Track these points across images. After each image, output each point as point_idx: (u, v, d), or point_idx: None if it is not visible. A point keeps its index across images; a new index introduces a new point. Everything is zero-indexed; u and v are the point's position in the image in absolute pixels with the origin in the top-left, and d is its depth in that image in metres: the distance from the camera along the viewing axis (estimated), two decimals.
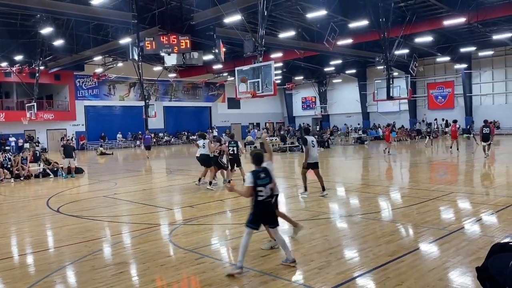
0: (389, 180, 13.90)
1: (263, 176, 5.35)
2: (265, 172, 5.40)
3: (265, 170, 5.43)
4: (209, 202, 10.62)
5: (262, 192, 5.31)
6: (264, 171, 5.41)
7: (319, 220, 8.09)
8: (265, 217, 5.47)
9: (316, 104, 51.41)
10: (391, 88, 25.04)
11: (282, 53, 33.17)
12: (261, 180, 5.32)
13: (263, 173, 5.37)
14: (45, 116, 36.99)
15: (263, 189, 5.31)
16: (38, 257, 6.52)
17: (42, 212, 10.09)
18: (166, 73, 40.31)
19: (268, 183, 5.37)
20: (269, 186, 5.38)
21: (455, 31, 30.93)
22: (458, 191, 10.76)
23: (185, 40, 20.33)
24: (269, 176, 5.42)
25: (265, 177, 5.36)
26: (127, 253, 6.53)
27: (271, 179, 5.44)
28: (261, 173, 5.36)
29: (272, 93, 14.76)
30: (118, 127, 42.06)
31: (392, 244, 6.30)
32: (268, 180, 5.39)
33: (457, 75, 40.22)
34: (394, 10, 23.67)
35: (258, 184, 5.30)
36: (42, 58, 29.86)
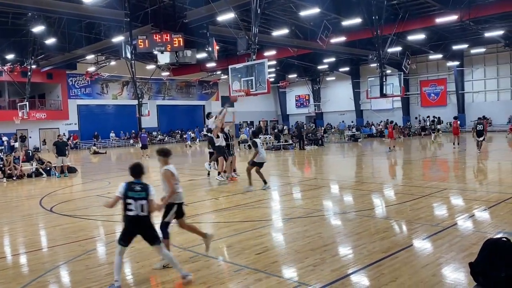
0: (382, 177, 13.95)
1: (138, 189, 4.89)
2: (142, 187, 4.94)
3: (144, 186, 4.96)
4: (203, 200, 10.61)
5: (131, 205, 4.83)
6: (142, 185, 4.96)
7: (313, 217, 8.11)
8: (137, 234, 4.99)
9: (309, 102, 51.47)
10: (384, 85, 25.12)
11: (275, 51, 33.17)
12: (134, 192, 4.86)
13: (139, 187, 4.92)
14: (37, 115, 36.74)
15: (133, 202, 4.83)
16: (31, 257, 6.48)
17: (35, 212, 10.02)
18: (159, 72, 40.16)
19: (142, 198, 4.87)
20: (141, 203, 4.86)
21: (448, 28, 31.08)
22: (451, 187, 10.83)
23: (178, 38, 20.32)
24: (146, 191, 4.91)
25: (141, 191, 4.90)
26: None
27: (147, 196, 4.90)
28: (136, 186, 4.92)
29: (266, 91, 14.75)
30: (111, 126, 41.86)
31: (386, 240, 6.33)
32: (144, 195, 4.88)
33: (450, 73, 40.46)
34: (386, 8, 23.74)
35: (129, 196, 4.84)
36: (34, 57, 29.62)
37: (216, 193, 11.51)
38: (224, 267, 5.58)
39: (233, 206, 9.75)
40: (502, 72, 38.09)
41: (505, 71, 37.82)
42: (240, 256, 5.88)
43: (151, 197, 4.95)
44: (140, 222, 4.90)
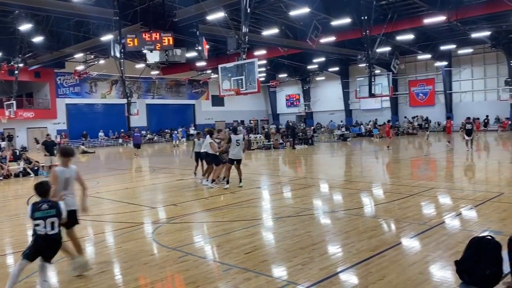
0: (371, 176, 14.04)
1: (44, 207, 4.71)
2: (49, 204, 4.75)
3: (50, 203, 4.78)
4: (192, 200, 10.59)
5: (39, 226, 4.66)
6: (49, 203, 4.77)
7: (303, 216, 8.15)
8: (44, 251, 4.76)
9: (300, 101, 51.62)
10: (373, 85, 25.30)
11: (265, 51, 33.20)
12: (41, 212, 4.68)
13: (46, 205, 4.74)
14: (25, 114, 36.30)
15: (42, 222, 4.65)
16: (18, 257, 6.39)
17: (22, 212, 9.91)
18: (148, 71, 39.93)
19: (51, 215, 4.69)
20: (51, 220, 4.67)
21: (436, 29, 31.38)
22: (439, 186, 10.95)
23: (167, 37, 20.25)
24: (55, 208, 4.75)
25: (48, 209, 4.71)
26: (110, 252, 6.48)
27: (58, 212, 4.75)
28: (43, 205, 4.73)
29: (256, 90, 14.77)
30: (100, 125, 41.53)
31: (374, 239, 6.38)
32: (54, 212, 4.71)
33: (438, 73, 40.86)
34: (375, 8, 23.91)
35: (36, 217, 4.67)
36: (21, 55, 29.25)
37: (205, 193, 11.50)
38: (213, 266, 5.59)
39: (222, 206, 9.76)
40: (489, 73, 38.57)
41: (492, 72, 38.31)
42: (229, 255, 5.89)
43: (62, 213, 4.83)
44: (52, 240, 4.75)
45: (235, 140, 11.76)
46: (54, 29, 28.17)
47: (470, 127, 19.51)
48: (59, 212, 4.78)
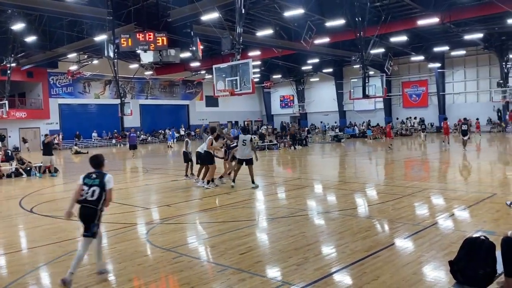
0: (365, 177, 14.09)
1: (93, 177, 5.18)
2: (97, 175, 5.21)
3: (100, 175, 5.21)
4: (186, 201, 10.56)
5: (83, 191, 5.11)
6: (99, 174, 5.21)
7: (297, 217, 8.15)
8: (81, 218, 5.16)
9: (294, 102, 51.70)
10: (367, 86, 25.39)
11: (260, 52, 33.22)
12: (89, 179, 5.16)
13: (95, 175, 5.20)
14: (17, 114, 36.04)
15: (86, 188, 5.11)
16: (10, 258, 6.35)
17: (14, 213, 9.84)
18: (142, 71, 39.79)
19: (95, 185, 5.10)
20: (93, 189, 5.08)
21: (429, 30, 31.57)
22: (432, 187, 11.01)
23: (161, 37, 20.17)
24: (101, 179, 5.15)
25: (95, 178, 5.16)
26: (104, 252, 6.41)
27: (101, 185, 5.12)
28: (93, 174, 5.21)
29: (251, 91, 14.76)
30: (93, 125, 41.32)
31: (368, 239, 6.40)
32: (97, 182, 5.12)
33: (431, 74, 41.11)
34: (370, 10, 24.00)
35: (84, 182, 5.14)
36: (14, 55, 29.04)
37: (199, 193, 11.47)
38: (207, 267, 5.57)
39: (217, 207, 9.75)
40: (481, 74, 38.87)
41: (485, 73, 38.61)
42: (224, 256, 5.87)
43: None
44: (85, 208, 5.15)
45: (242, 140, 11.70)
46: (47, 29, 27.99)
47: (465, 128, 19.95)
48: (103, 183, 5.11)
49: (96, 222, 5.15)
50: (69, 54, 31.95)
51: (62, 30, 28.31)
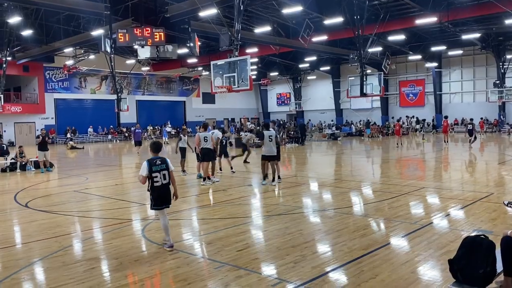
0: (361, 175, 14.09)
1: (159, 163, 5.95)
2: (161, 160, 5.99)
3: (162, 159, 6.03)
4: (184, 197, 10.50)
5: (157, 178, 5.90)
6: (162, 159, 6.01)
7: (294, 214, 8.13)
8: (164, 199, 6.05)
9: (291, 100, 51.67)
10: (364, 85, 25.40)
11: (257, 49, 33.11)
12: (156, 166, 5.92)
13: (159, 160, 5.98)
14: (12, 108, 35.79)
15: (158, 175, 5.89)
16: (5, 253, 6.29)
17: (9, 207, 9.77)
18: (139, 66, 39.61)
19: (163, 169, 5.95)
20: (164, 173, 5.95)
21: (427, 30, 31.61)
22: (429, 186, 11.02)
23: (159, 33, 20.09)
24: (165, 163, 6.00)
25: (161, 164, 5.96)
26: (99, 248, 6.39)
27: (167, 166, 6.01)
28: (157, 160, 5.97)
29: (248, 88, 14.72)
30: (89, 121, 41.11)
31: (365, 238, 6.39)
32: (164, 167, 5.97)
33: (428, 74, 41.18)
34: (368, 8, 23.97)
35: (153, 170, 5.89)
36: (9, 49, 28.77)
37: (196, 190, 11.42)
38: (204, 264, 5.54)
39: (213, 203, 9.71)
40: (478, 74, 38.99)
41: (481, 73, 38.73)
42: (221, 253, 5.84)
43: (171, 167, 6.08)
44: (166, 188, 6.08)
45: (268, 136, 11.40)
46: (44, 23, 27.76)
47: (470, 128, 20.65)
48: (168, 166, 6.02)
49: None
50: (65, 49, 31.74)
51: (59, 24, 28.08)
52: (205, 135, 12.16)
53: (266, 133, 11.50)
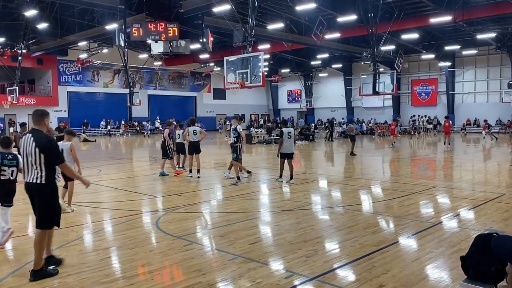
0: (372, 174, 14.10)
1: (10, 158, 5.87)
2: (13, 156, 5.91)
3: (14, 155, 5.91)
4: (196, 190, 10.64)
5: (5, 172, 5.82)
6: (13, 155, 5.91)
7: (305, 210, 8.20)
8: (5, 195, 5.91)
9: (301, 97, 51.60)
10: (377, 83, 25.30)
11: (269, 45, 33.11)
12: (7, 160, 5.84)
13: (11, 156, 5.89)
14: (26, 100, 36.25)
15: (7, 169, 5.82)
16: (24, 240, 6.45)
17: (22, 198, 9.94)
18: (151, 61, 39.83)
19: (13, 165, 5.86)
20: (12, 169, 5.85)
21: (441, 29, 31.33)
22: (440, 185, 11.01)
23: (173, 28, 20.24)
24: (16, 160, 5.88)
25: (12, 159, 5.87)
26: (114, 238, 6.53)
27: (18, 163, 5.86)
28: (9, 155, 5.89)
29: (261, 84, 14.80)
30: (101, 114, 41.52)
31: (377, 234, 6.44)
32: (15, 163, 5.86)
33: (441, 73, 40.82)
34: (382, 6, 23.82)
35: (4, 163, 5.81)
36: (25, 41, 29.18)
37: (208, 184, 11.54)
38: (217, 255, 5.64)
39: (225, 198, 9.81)
40: (492, 75, 38.56)
41: (495, 74, 38.30)
42: (234, 245, 5.93)
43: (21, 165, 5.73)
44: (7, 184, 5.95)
45: (287, 132, 11.32)
46: (59, 16, 28.05)
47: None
48: (18, 163, 5.84)
49: None
50: (79, 42, 32.06)
51: (74, 18, 28.37)
52: (194, 128, 12.31)
53: (285, 130, 11.40)
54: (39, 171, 4.82)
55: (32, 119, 5.13)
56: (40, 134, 4.91)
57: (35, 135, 4.88)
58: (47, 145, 4.86)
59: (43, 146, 4.81)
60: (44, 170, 4.83)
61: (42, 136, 4.91)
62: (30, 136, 4.89)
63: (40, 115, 5.02)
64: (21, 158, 5.29)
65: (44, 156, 4.81)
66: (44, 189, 4.89)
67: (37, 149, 4.79)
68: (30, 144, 4.84)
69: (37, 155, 4.80)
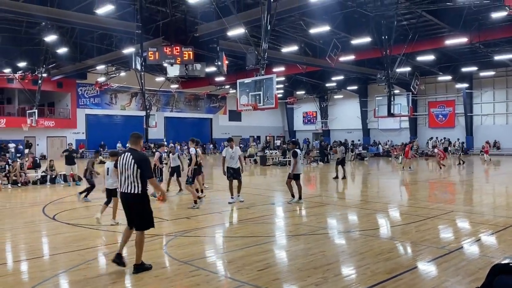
0: (388, 197, 13.79)
1: None
2: None
3: None
4: (206, 214, 10.52)
5: None
6: None
7: (317, 235, 8.00)
8: None
9: (317, 119, 51.51)
10: (392, 105, 25.08)
11: (284, 68, 33.31)
12: None
13: None
14: (45, 123, 36.99)
15: None
16: (31, 264, 6.43)
17: (37, 219, 10.01)
18: (168, 84, 40.41)
19: None
20: None
21: (457, 50, 31.10)
22: (458, 210, 10.68)
23: (188, 51, 20.45)
24: None
25: None
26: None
27: None
28: None
29: (273, 106, 14.75)
30: (118, 136, 42.03)
31: (390, 261, 6.21)
32: None
33: (458, 95, 40.32)
34: (396, 28, 23.82)
35: None
36: (45, 66, 29.96)
37: (219, 207, 11.42)
38: (224, 282, 5.50)
39: (236, 221, 9.68)
40: (511, 96, 37.90)
41: None
42: (241, 272, 5.78)
43: None
44: None
45: (299, 154, 11.81)
46: (78, 41, 28.80)
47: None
48: None
49: None
50: (97, 66, 32.76)
51: (92, 42, 29.12)
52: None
53: (298, 151, 11.74)
54: (135, 184, 5.72)
55: (129, 140, 6.13)
56: (138, 153, 5.92)
57: (134, 154, 5.83)
58: (143, 162, 5.80)
59: (140, 162, 5.74)
60: (140, 182, 5.73)
61: (140, 154, 5.94)
62: (129, 154, 5.84)
63: (137, 138, 6.05)
64: (118, 172, 5.99)
65: (140, 170, 5.71)
66: (140, 198, 5.78)
67: (135, 165, 5.71)
68: (129, 160, 5.76)
69: (135, 170, 5.71)
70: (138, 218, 5.81)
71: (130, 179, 5.74)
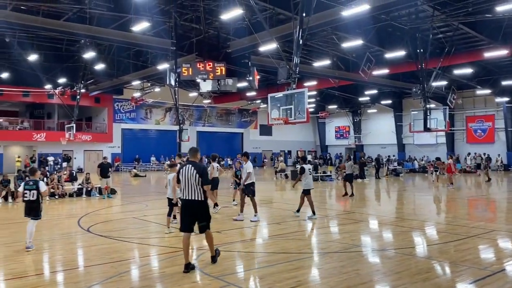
0: (425, 214, 13.30)
1: (31, 184, 8.14)
2: (33, 182, 8.19)
3: (35, 181, 8.21)
4: (237, 228, 10.45)
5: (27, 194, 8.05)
6: (34, 181, 8.21)
7: (351, 253, 7.77)
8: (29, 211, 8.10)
9: (350, 133, 50.86)
10: (428, 119, 24.42)
11: (316, 82, 33.17)
12: (29, 186, 8.11)
13: (32, 182, 8.17)
14: (83, 137, 38.16)
15: (28, 192, 8.05)
16: (66, 275, 6.52)
17: (73, 231, 10.21)
18: (201, 99, 41.05)
19: (33, 189, 8.07)
20: (33, 192, 8.04)
21: (497, 63, 30.13)
22: (500, 229, 10.16)
23: (220, 67, 20.72)
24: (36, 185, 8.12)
25: (32, 185, 8.10)
26: (153, 276, 6.44)
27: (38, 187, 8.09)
28: (30, 182, 8.21)
29: (305, 120, 14.62)
30: (152, 150, 42.86)
31: (428, 282, 5.93)
32: (34, 187, 8.07)
33: (498, 109, 38.91)
34: (432, 41, 23.32)
35: (26, 188, 8.09)
36: (83, 82, 31.02)
37: (252, 222, 11.31)
38: None
39: (267, 237, 9.55)
40: None
41: None
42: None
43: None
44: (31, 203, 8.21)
45: (308, 169, 11.92)
46: (115, 58, 29.75)
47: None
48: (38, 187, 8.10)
49: None
50: (133, 82, 33.65)
51: (129, 59, 30.01)
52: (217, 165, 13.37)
53: (306, 166, 11.93)
54: (198, 191, 6.46)
55: (188, 154, 6.94)
56: (198, 164, 6.74)
57: (195, 165, 6.59)
58: (204, 171, 6.59)
59: (201, 172, 6.50)
60: (202, 189, 6.48)
61: (200, 165, 6.76)
62: (191, 166, 6.58)
63: (195, 151, 6.87)
64: (181, 182, 6.59)
65: (201, 179, 6.43)
66: (204, 204, 6.55)
67: (197, 175, 6.44)
68: (190, 171, 6.49)
69: (197, 179, 6.44)
70: (203, 221, 6.53)
71: (194, 187, 6.45)
